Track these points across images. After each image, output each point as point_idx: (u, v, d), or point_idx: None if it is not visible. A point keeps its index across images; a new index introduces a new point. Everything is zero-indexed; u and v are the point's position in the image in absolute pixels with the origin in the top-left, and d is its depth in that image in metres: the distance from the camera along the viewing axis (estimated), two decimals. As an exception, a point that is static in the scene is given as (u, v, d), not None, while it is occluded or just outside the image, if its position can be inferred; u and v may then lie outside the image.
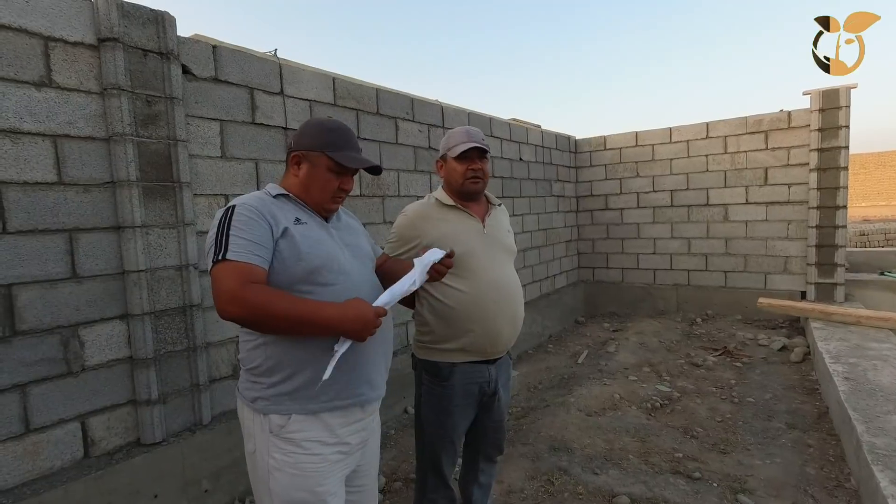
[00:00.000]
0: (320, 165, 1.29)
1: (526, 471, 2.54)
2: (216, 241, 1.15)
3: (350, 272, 1.28)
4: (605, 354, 4.53)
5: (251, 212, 1.18)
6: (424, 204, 1.80)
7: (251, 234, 1.15)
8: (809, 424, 2.94)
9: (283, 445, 1.21)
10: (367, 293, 1.28)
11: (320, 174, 1.29)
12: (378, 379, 1.34)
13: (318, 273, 1.20)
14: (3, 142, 1.74)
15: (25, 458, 1.81)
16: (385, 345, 1.37)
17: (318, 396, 1.21)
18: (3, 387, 1.75)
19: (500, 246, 1.79)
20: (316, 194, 1.30)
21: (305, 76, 2.83)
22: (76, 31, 1.91)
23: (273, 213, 1.21)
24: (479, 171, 1.72)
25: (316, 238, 1.25)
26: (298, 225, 1.23)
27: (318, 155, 1.28)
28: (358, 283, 1.29)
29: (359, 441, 1.32)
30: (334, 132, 1.32)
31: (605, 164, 6.32)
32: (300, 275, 1.19)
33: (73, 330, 1.92)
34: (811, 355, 4.10)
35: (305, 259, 1.19)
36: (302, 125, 1.35)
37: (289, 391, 1.21)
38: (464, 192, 1.75)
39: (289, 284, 1.18)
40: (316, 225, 1.29)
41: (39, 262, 1.83)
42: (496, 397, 1.81)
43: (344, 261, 1.28)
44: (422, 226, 1.72)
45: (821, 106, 4.92)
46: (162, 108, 2.12)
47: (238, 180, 2.50)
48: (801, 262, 5.24)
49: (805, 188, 5.14)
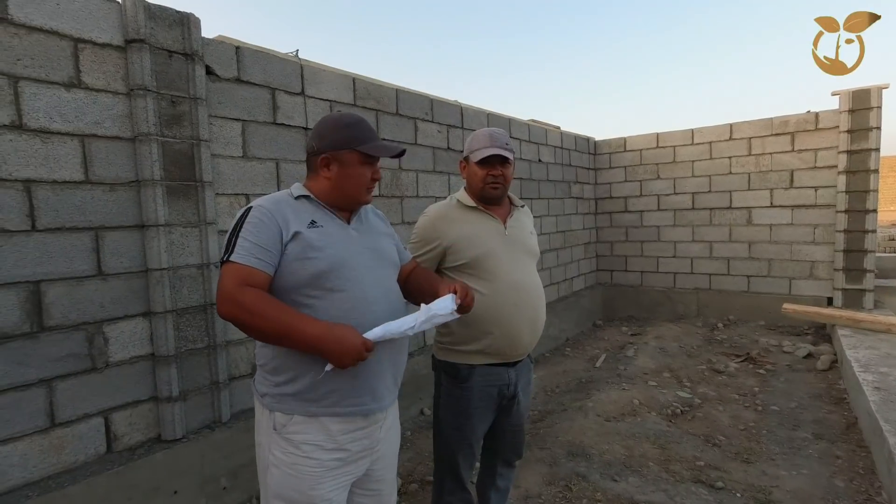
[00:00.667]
0: (351, 162, 1.28)
1: (543, 476, 2.51)
2: (227, 240, 1.20)
3: (362, 279, 1.25)
4: (623, 359, 4.47)
5: (263, 214, 1.19)
6: (446, 205, 1.79)
7: (258, 237, 1.17)
8: (837, 435, 2.86)
9: (283, 444, 1.22)
10: (378, 301, 1.26)
11: (353, 170, 1.29)
12: (383, 390, 1.30)
13: (325, 278, 1.19)
14: (33, 141, 1.78)
15: (51, 451, 1.84)
16: (395, 354, 1.33)
17: (319, 400, 1.21)
18: (30, 381, 1.79)
19: (521, 248, 1.77)
20: (352, 190, 1.30)
21: (326, 77, 2.85)
22: (104, 33, 1.95)
23: (286, 215, 1.21)
24: (499, 177, 1.70)
25: (329, 241, 1.23)
26: (313, 228, 1.23)
27: (346, 152, 1.28)
28: (370, 290, 1.25)
29: (361, 448, 1.29)
30: (355, 126, 1.31)
31: (624, 165, 6.23)
32: (306, 278, 1.18)
33: (97, 326, 1.96)
34: (838, 363, 3.99)
35: (312, 263, 1.19)
36: (317, 126, 1.33)
37: (292, 392, 1.21)
38: (483, 197, 1.74)
39: (294, 287, 1.19)
40: (334, 227, 1.28)
41: (66, 259, 1.86)
42: (515, 400, 1.79)
43: (358, 265, 1.26)
44: (442, 227, 1.71)
45: (850, 107, 4.79)
46: (186, 109, 2.15)
47: (259, 180, 2.52)
48: (828, 268, 5.09)
49: (833, 191, 5.00)
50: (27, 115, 1.76)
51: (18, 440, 1.76)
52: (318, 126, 1.34)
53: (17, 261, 1.75)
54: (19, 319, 1.75)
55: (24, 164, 1.76)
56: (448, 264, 1.71)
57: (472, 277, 1.67)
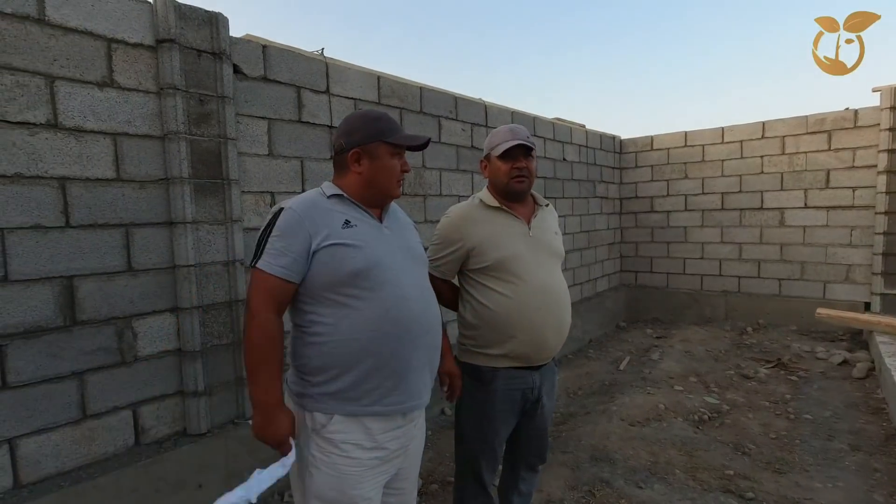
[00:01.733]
0: (381, 154, 1.30)
1: (566, 480, 2.47)
2: (258, 241, 1.23)
3: (399, 279, 1.26)
4: (648, 362, 4.37)
5: (293, 219, 1.21)
6: (468, 205, 1.76)
7: (286, 244, 1.19)
8: (876, 447, 2.73)
9: (322, 444, 1.23)
10: (417, 300, 1.28)
11: (384, 163, 1.30)
12: (422, 388, 1.32)
13: (363, 277, 1.21)
14: (68, 140, 1.82)
15: (82, 442, 1.89)
16: (432, 351, 1.35)
17: (360, 399, 1.22)
18: (64, 374, 1.83)
19: (546, 249, 1.73)
20: (383, 183, 1.31)
21: (351, 75, 2.85)
22: (136, 33, 1.98)
23: (316, 218, 1.22)
24: (523, 169, 1.67)
25: (364, 240, 1.24)
26: (347, 228, 1.23)
27: (376, 145, 1.29)
28: (408, 289, 1.27)
29: (398, 447, 1.30)
30: (381, 120, 1.33)
31: (651, 164, 6.10)
32: (343, 277, 1.20)
33: (127, 321, 2.00)
34: (876, 372, 3.82)
35: (349, 262, 1.20)
36: (343, 124, 1.35)
37: (332, 391, 1.22)
38: (509, 192, 1.70)
39: (332, 285, 1.20)
40: (368, 226, 1.28)
41: (98, 255, 1.91)
42: (539, 404, 1.76)
43: (394, 264, 1.27)
44: (465, 228, 1.68)
45: (892, 104, 4.58)
46: (214, 108, 2.18)
47: (284, 178, 2.53)
48: (866, 271, 4.89)
49: (872, 192, 4.80)
50: (62, 114, 1.81)
51: (52, 431, 1.81)
52: (343, 124, 1.35)
53: (52, 256, 1.79)
54: (53, 313, 1.80)
55: (59, 162, 1.80)
56: (471, 266, 1.68)
57: (496, 280, 1.64)
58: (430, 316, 1.33)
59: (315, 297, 1.23)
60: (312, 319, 1.24)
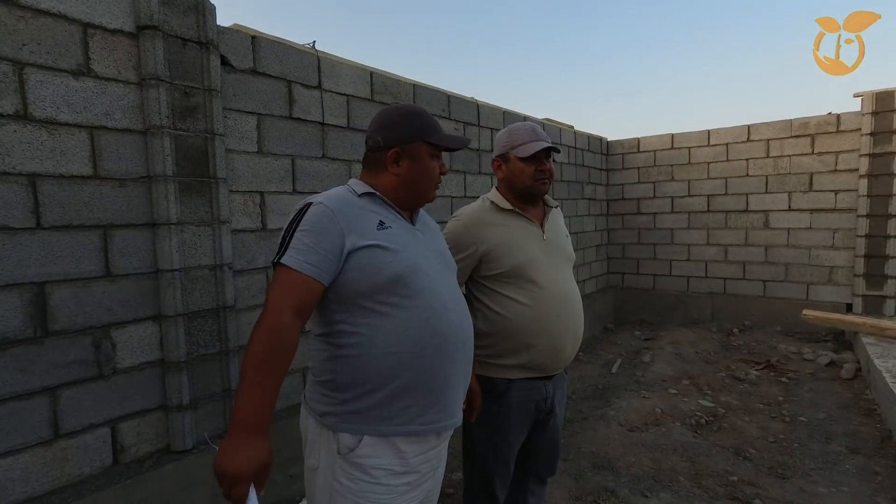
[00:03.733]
0: (422, 155, 1.20)
1: (570, 490, 2.39)
2: (281, 238, 1.10)
3: (436, 285, 1.16)
4: (640, 365, 4.35)
5: (325, 215, 1.09)
6: (479, 207, 1.66)
7: (316, 241, 1.07)
8: (873, 449, 2.74)
9: (350, 470, 1.11)
10: (454, 309, 1.19)
11: (425, 164, 1.21)
12: (457, 405, 1.21)
13: (402, 282, 1.10)
14: (39, 132, 1.66)
15: (54, 464, 1.72)
16: (467, 366, 1.24)
17: (393, 417, 1.10)
18: (34, 390, 1.67)
19: (560, 253, 1.66)
20: (423, 187, 1.22)
21: (343, 70, 2.73)
22: (116, 18, 1.83)
23: (350, 218, 1.11)
24: (547, 171, 1.60)
25: (400, 243, 1.14)
26: (382, 230, 1.13)
27: (417, 145, 1.20)
28: (445, 297, 1.17)
29: (429, 469, 1.20)
30: (422, 117, 1.24)
31: (638, 166, 6.11)
32: (382, 283, 1.09)
33: (105, 331, 1.84)
34: (863, 372, 3.87)
35: (387, 266, 1.10)
36: (379, 118, 1.25)
37: (361, 409, 1.10)
38: (530, 194, 1.62)
39: (369, 292, 1.09)
40: (402, 229, 1.19)
41: (73, 259, 1.74)
42: (552, 414, 1.68)
43: (430, 269, 1.17)
44: (478, 232, 1.58)
45: (874, 109, 4.67)
46: (200, 101, 2.03)
47: (274, 177, 2.40)
48: (848, 273, 4.98)
49: (854, 195, 4.89)
50: (33, 104, 1.64)
51: (20, 452, 1.64)
52: (380, 119, 1.24)
53: (21, 260, 1.63)
54: (22, 323, 1.64)
55: (30, 157, 1.64)
56: (484, 273, 1.59)
57: (511, 287, 1.56)
58: (467, 326, 1.24)
59: (347, 305, 1.11)
60: (343, 329, 1.12)
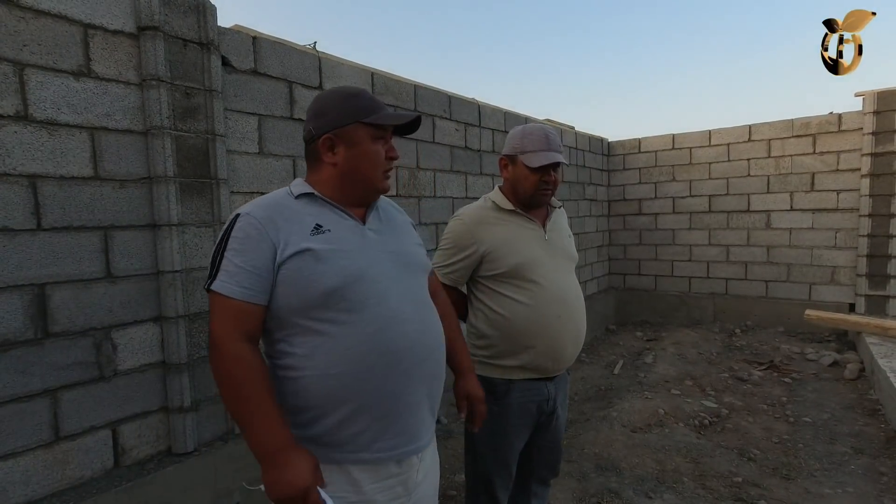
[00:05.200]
0: (360, 138, 1.05)
1: (573, 491, 2.38)
2: (212, 257, 1.00)
3: (387, 294, 1.02)
4: (642, 366, 4.33)
5: (251, 226, 0.98)
6: (480, 207, 1.66)
7: (245, 258, 0.97)
8: (878, 450, 2.72)
9: None
10: (410, 319, 1.04)
11: (365, 149, 1.05)
12: (420, 427, 1.08)
13: (340, 295, 0.97)
14: (39, 133, 1.65)
15: (55, 467, 1.71)
16: (432, 382, 1.10)
17: (343, 445, 1.00)
18: (34, 392, 1.66)
19: (562, 254, 1.66)
20: (365, 174, 1.07)
21: (344, 71, 2.72)
22: (116, 19, 1.82)
23: (280, 224, 1.00)
24: (551, 183, 1.58)
25: (340, 249, 1.01)
26: (318, 234, 1.00)
27: (353, 128, 1.04)
28: (399, 306, 1.03)
29: (391, 498, 1.06)
30: (358, 96, 1.08)
31: (639, 167, 6.10)
32: (315, 298, 0.97)
33: (105, 332, 1.83)
34: (867, 373, 3.85)
35: (320, 279, 0.97)
36: (313, 105, 1.11)
37: (312, 436, 1.01)
38: (530, 203, 1.61)
39: (302, 309, 0.98)
40: (346, 230, 1.05)
41: (74, 260, 1.74)
42: (554, 416, 1.66)
43: (381, 276, 1.03)
44: (480, 232, 1.58)
45: (875, 108, 4.66)
46: (201, 101, 2.03)
47: (275, 178, 2.39)
48: (850, 273, 4.96)
49: (856, 195, 4.87)
50: (33, 105, 1.64)
51: (21, 455, 1.63)
52: (313, 104, 1.10)
53: (21, 262, 1.62)
54: (23, 325, 1.63)
55: (30, 158, 1.63)
56: (484, 273, 1.58)
57: (512, 287, 1.55)
58: (430, 337, 1.09)
59: (283, 323, 1.00)
60: (283, 350, 1.01)
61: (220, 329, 0.96)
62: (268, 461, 0.93)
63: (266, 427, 0.94)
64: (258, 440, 0.94)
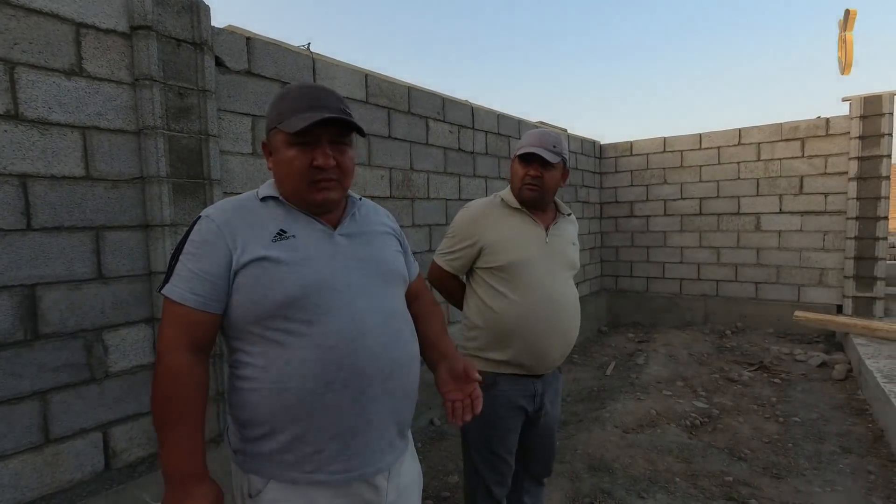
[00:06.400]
0: (279, 146, 0.97)
1: (566, 492, 2.39)
2: (169, 259, 0.97)
3: (351, 305, 0.95)
4: (634, 367, 4.36)
5: (209, 231, 0.93)
6: (489, 202, 1.71)
7: (199, 264, 0.92)
8: (866, 449, 2.76)
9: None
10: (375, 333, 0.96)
11: (284, 156, 0.96)
12: (384, 447, 1.00)
13: (297, 306, 0.92)
14: (30, 132, 1.64)
15: (45, 470, 1.69)
16: (399, 402, 1.02)
17: (300, 463, 0.94)
18: (24, 394, 1.64)
19: (561, 259, 1.67)
20: (289, 184, 0.97)
21: (338, 72, 2.72)
22: (109, 18, 1.81)
23: (238, 227, 0.94)
24: (536, 178, 1.59)
25: (301, 256, 0.95)
26: (280, 241, 0.94)
27: (273, 133, 0.98)
28: (363, 319, 0.96)
29: None
30: (284, 97, 0.98)
31: (631, 169, 6.15)
32: (270, 308, 0.91)
33: (97, 334, 1.81)
34: (855, 373, 3.90)
35: (277, 287, 0.91)
36: None
37: (267, 452, 0.95)
38: (519, 199, 1.64)
39: (257, 320, 0.92)
40: (312, 236, 0.98)
41: (65, 261, 1.72)
42: (542, 412, 1.68)
43: (347, 286, 0.97)
44: (483, 224, 1.63)
45: (862, 113, 4.74)
46: (194, 102, 2.02)
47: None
48: (838, 275, 5.03)
49: (843, 198, 4.95)
50: (24, 103, 1.62)
51: (10, 458, 1.61)
52: None
53: (11, 262, 1.60)
54: (12, 326, 1.61)
55: (21, 158, 1.62)
56: (481, 265, 1.63)
57: (504, 283, 1.59)
58: (398, 352, 1.00)
59: (240, 333, 0.95)
60: (240, 360, 0.96)
61: (165, 335, 0.92)
62: (170, 485, 0.88)
63: (179, 450, 0.89)
64: (169, 461, 0.89)
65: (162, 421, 0.89)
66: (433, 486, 2.57)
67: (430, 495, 2.48)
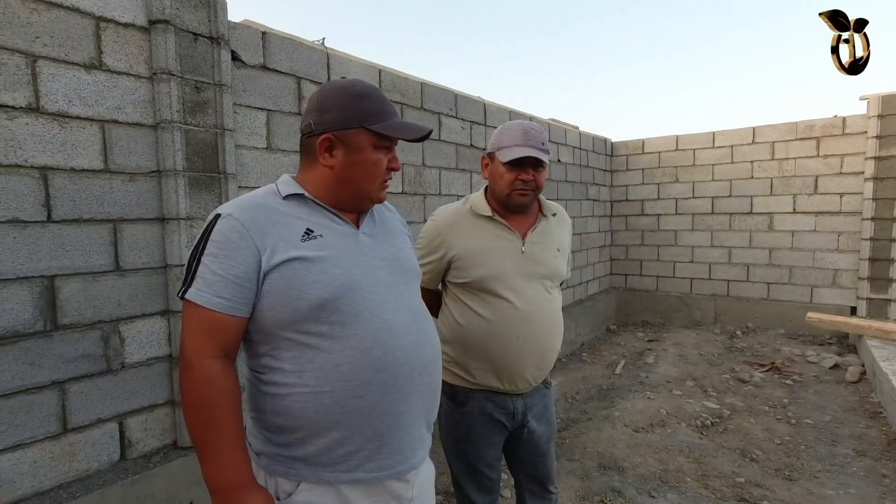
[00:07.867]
0: (362, 146, 0.96)
1: (576, 490, 2.39)
2: (188, 261, 0.92)
3: (381, 305, 0.95)
4: (643, 366, 4.34)
5: (233, 230, 0.90)
6: (456, 211, 1.54)
7: (224, 265, 0.88)
8: (880, 452, 2.73)
9: None
10: (407, 332, 0.97)
11: (365, 157, 0.96)
12: (416, 444, 1.01)
13: (331, 308, 0.91)
14: (51, 125, 1.65)
15: (62, 459, 1.72)
16: (429, 397, 1.03)
17: (336, 464, 0.93)
18: (43, 384, 1.66)
19: (539, 269, 1.49)
20: (362, 185, 0.98)
21: (352, 67, 2.72)
22: (128, 12, 1.82)
23: (266, 227, 0.91)
24: (529, 182, 1.43)
25: (332, 257, 0.93)
26: (309, 240, 0.93)
27: (356, 132, 0.95)
28: (395, 318, 0.96)
29: None
30: (366, 97, 0.97)
31: (642, 168, 6.11)
32: (304, 311, 0.90)
33: (114, 325, 1.83)
34: (869, 376, 3.86)
35: (310, 290, 0.89)
36: (316, 96, 1.00)
37: (300, 456, 0.93)
38: (508, 205, 1.48)
39: (290, 323, 0.90)
40: (338, 236, 0.97)
41: (83, 253, 1.74)
42: (524, 429, 1.55)
43: (375, 285, 0.96)
44: (449, 236, 1.48)
45: (880, 112, 4.66)
46: (210, 96, 2.03)
47: (283, 173, 2.35)
48: (852, 276, 4.97)
49: (859, 198, 4.88)
50: (45, 97, 1.64)
51: (29, 446, 1.64)
52: (316, 96, 1.00)
53: (31, 254, 1.62)
54: (32, 317, 1.63)
55: (41, 150, 1.63)
56: (451, 279, 1.51)
57: (475, 299, 1.46)
58: (426, 349, 1.01)
59: (269, 337, 0.93)
60: (268, 364, 0.94)
61: (192, 343, 0.88)
62: (221, 497, 0.87)
63: (227, 461, 0.87)
64: (216, 473, 0.87)
65: (202, 433, 0.87)
66: (442, 480, 2.57)
67: (440, 491, 2.49)
